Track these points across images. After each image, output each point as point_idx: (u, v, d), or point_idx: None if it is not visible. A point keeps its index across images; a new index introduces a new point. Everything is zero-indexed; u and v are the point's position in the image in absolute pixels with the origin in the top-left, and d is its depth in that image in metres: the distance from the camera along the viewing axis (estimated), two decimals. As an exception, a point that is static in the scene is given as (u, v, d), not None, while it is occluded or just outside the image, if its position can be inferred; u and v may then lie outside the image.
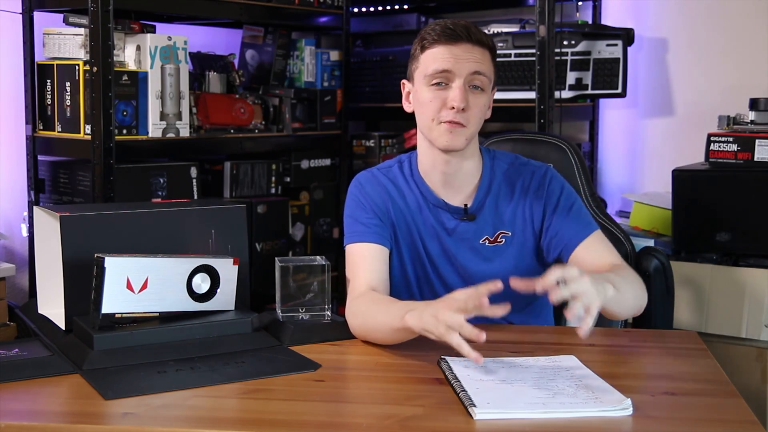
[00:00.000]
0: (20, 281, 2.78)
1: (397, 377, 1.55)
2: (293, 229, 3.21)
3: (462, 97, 1.74)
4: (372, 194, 1.88)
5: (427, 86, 1.78)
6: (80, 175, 2.60)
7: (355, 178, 1.94)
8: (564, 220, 1.82)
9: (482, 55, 1.77)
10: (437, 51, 1.77)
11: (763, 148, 2.58)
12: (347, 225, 1.87)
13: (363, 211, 1.86)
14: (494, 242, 1.85)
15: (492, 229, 1.85)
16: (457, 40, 1.75)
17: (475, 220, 1.84)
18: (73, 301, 1.67)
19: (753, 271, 2.56)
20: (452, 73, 1.75)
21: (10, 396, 1.43)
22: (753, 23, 3.06)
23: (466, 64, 1.75)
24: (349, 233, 1.86)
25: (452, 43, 1.76)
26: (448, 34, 1.76)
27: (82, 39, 2.51)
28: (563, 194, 1.85)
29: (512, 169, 1.88)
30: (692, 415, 1.37)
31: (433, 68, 1.76)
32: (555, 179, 1.87)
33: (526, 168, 1.88)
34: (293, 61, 3.34)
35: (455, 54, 1.75)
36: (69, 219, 1.67)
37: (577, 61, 3.05)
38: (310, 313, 1.79)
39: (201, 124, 2.84)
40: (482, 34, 1.79)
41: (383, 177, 1.90)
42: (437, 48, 1.77)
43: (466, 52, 1.75)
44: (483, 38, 1.78)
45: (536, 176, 1.87)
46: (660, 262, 2.09)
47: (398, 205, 1.87)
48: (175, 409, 1.38)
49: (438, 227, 1.86)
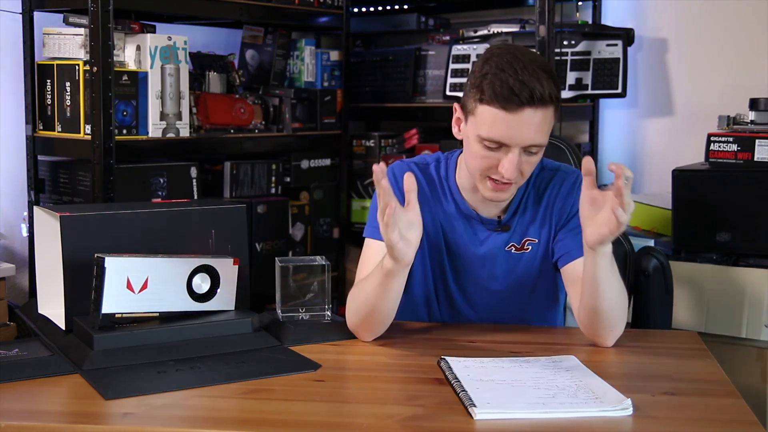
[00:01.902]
0: (20, 281, 2.78)
1: (397, 377, 1.55)
2: (293, 229, 3.21)
3: (514, 170, 1.65)
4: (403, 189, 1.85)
5: (479, 142, 1.67)
6: (80, 175, 2.60)
7: (389, 168, 1.84)
8: (574, 230, 1.77)
9: (543, 118, 1.63)
10: (495, 115, 1.63)
11: (763, 148, 2.58)
12: (371, 215, 1.84)
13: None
14: (521, 249, 1.83)
15: (519, 237, 1.83)
16: (518, 106, 1.61)
17: (508, 230, 1.83)
18: (73, 301, 1.67)
19: (753, 271, 2.56)
20: (508, 143, 1.65)
21: (10, 396, 1.43)
22: (753, 23, 3.06)
23: (525, 135, 1.63)
24: (369, 225, 1.83)
25: (514, 110, 1.61)
26: (507, 97, 1.60)
27: (82, 39, 2.51)
28: None
29: (543, 175, 1.85)
30: (692, 415, 1.37)
31: (486, 133, 1.65)
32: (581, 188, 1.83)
33: (557, 174, 1.84)
34: (293, 61, 3.34)
35: (514, 122, 1.62)
36: (69, 219, 1.67)
37: (577, 61, 3.05)
38: (310, 313, 1.79)
39: (201, 124, 2.84)
40: (547, 87, 1.62)
41: (419, 173, 1.85)
42: (494, 110, 1.63)
43: (526, 121, 1.62)
44: (547, 95, 1.62)
45: (566, 183, 1.83)
46: (660, 262, 2.09)
47: (429, 205, 1.84)
48: (175, 409, 1.38)
49: (469, 237, 1.83)
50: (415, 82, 3.33)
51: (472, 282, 1.86)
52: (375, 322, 1.70)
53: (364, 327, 1.71)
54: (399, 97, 3.36)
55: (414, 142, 3.45)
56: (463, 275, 1.86)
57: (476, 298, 1.87)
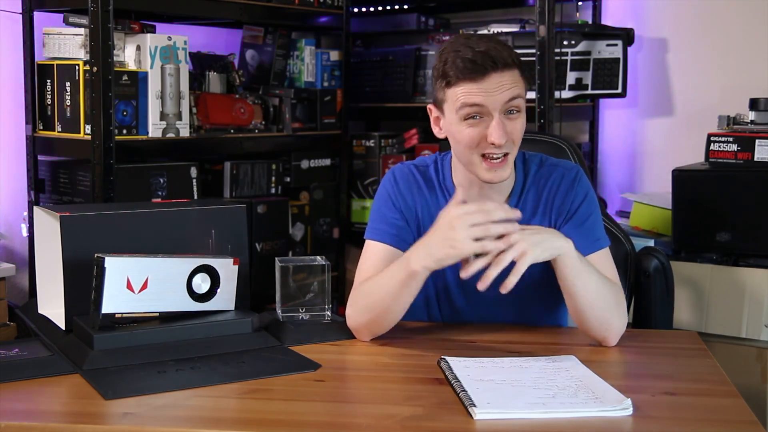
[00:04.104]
0: (20, 281, 2.78)
1: (397, 377, 1.55)
2: (293, 229, 3.21)
3: (502, 134, 1.66)
4: (405, 192, 1.84)
5: (461, 121, 1.70)
6: (80, 175, 2.60)
7: (391, 171, 1.88)
8: (574, 229, 1.77)
9: (512, 77, 1.68)
10: (464, 88, 1.67)
11: (763, 148, 2.58)
12: (372, 217, 1.85)
13: (390, 209, 1.83)
14: None
15: None
16: (485, 74, 1.66)
17: None
18: (73, 301, 1.67)
19: (753, 271, 2.56)
20: (485, 107, 1.67)
21: (10, 396, 1.43)
22: (753, 23, 3.06)
23: (499, 95, 1.66)
24: (371, 227, 1.84)
25: (480, 78, 1.66)
26: (471, 68, 1.66)
27: (82, 39, 2.51)
28: (585, 202, 1.81)
29: (542, 171, 1.85)
30: (692, 415, 1.37)
31: (463, 103, 1.68)
32: (581, 184, 1.82)
33: (556, 170, 1.84)
34: (293, 61, 3.34)
35: (485, 88, 1.66)
36: (69, 219, 1.67)
37: (577, 61, 3.05)
38: (310, 313, 1.79)
39: (201, 124, 2.84)
40: (505, 52, 1.68)
41: (420, 176, 1.86)
42: (464, 85, 1.67)
43: (496, 84, 1.66)
44: (507, 57, 1.68)
45: (566, 179, 1.82)
46: (660, 262, 2.09)
47: (429, 207, 1.84)
48: (175, 409, 1.38)
49: None
50: (415, 82, 3.33)
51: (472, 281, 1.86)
52: (382, 322, 1.70)
53: (369, 326, 1.71)
54: (399, 97, 3.36)
55: (414, 142, 3.45)
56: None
57: (478, 298, 1.86)
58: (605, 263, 1.78)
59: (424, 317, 1.90)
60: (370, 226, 1.84)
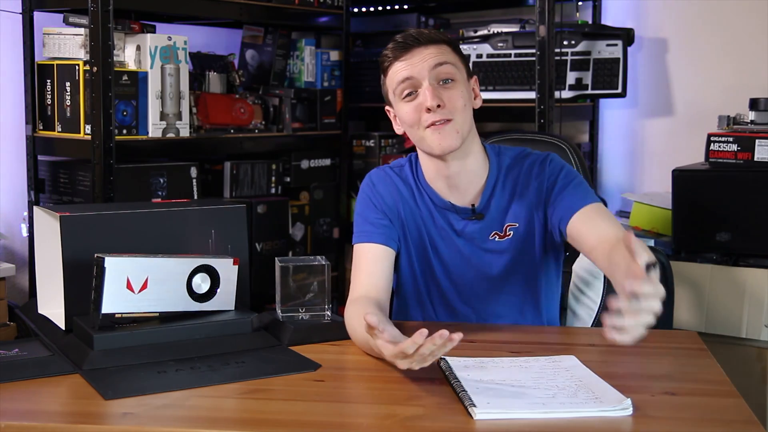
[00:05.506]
0: (20, 281, 2.78)
1: (397, 377, 1.54)
2: (293, 229, 3.21)
3: (432, 95, 1.74)
4: (383, 193, 1.87)
5: (402, 101, 1.79)
6: (80, 175, 2.60)
7: (367, 176, 1.93)
8: (562, 192, 1.79)
9: (438, 49, 1.78)
10: (396, 67, 1.79)
11: (763, 148, 2.58)
12: (357, 223, 1.87)
13: (373, 211, 1.86)
14: (504, 236, 1.84)
15: (500, 225, 1.84)
16: (409, 49, 1.77)
17: (483, 219, 1.84)
18: (73, 301, 1.67)
19: (753, 271, 2.56)
20: (416, 79, 1.76)
21: (10, 396, 1.43)
22: (752, 23, 3.06)
23: (424, 63, 1.76)
24: (357, 232, 1.86)
25: (406, 53, 1.77)
26: (399, 47, 1.78)
27: (82, 39, 2.51)
28: (563, 172, 1.82)
29: (515, 162, 1.87)
30: (692, 415, 1.37)
31: (396, 82, 1.78)
32: (554, 162, 1.84)
33: (528, 159, 1.87)
34: (293, 61, 3.34)
35: (411, 62, 1.77)
36: (69, 219, 1.67)
37: (577, 61, 3.05)
38: (310, 313, 1.79)
39: (201, 124, 2.84)
40: (434, 33, 1.81)
41: (396, 176, 1.90)
42: (395, 64, 1.79)
43: (420, 56, 1.76)
44: (435, 36, 1.79)
45: (536, 163, 1.85)
46: (660, 262, 2.09)
47: (409, 205, 1.87)
48: (175, 409, 1.38)
49: (448, 229, 1.85)
50: (415, 82, 3.32)
51: (462, 276, 1.86)
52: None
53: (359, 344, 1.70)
54: (399, 96, 3.35)
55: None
56: (452, 269, 1.86)
57: (469, 292, 1.87)
58: (602, 216, 1.74)
59: (418, 319, 1.90)
60: (356, 231, 1.86)
